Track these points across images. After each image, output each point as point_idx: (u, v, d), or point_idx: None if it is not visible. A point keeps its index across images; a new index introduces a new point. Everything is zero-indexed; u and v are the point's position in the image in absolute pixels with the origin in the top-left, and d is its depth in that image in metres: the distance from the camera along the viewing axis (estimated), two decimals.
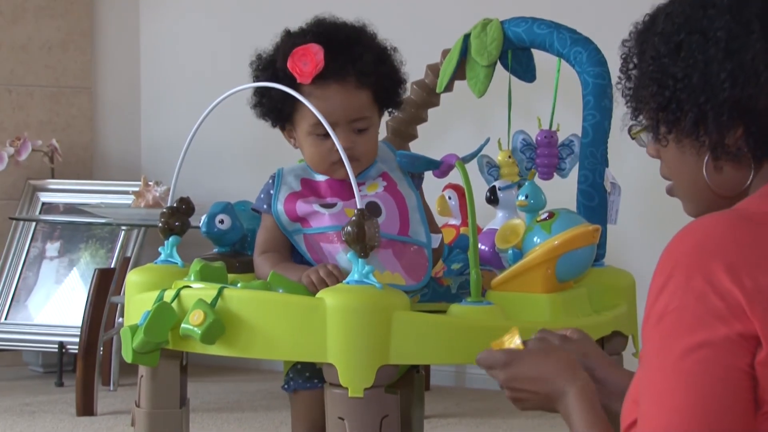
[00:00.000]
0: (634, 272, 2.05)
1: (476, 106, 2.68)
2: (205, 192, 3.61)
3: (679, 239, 1.21)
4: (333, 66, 1.85)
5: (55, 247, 3.95)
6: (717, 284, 1.15)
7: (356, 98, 1.87)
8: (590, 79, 2.01)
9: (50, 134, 4.08)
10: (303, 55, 1.84)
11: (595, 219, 1.97)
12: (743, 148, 1.27)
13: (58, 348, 3.72)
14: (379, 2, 3.70)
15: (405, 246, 1.85)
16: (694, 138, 1.29)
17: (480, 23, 2.11)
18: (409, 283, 1.81)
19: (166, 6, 4.32)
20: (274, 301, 1.65)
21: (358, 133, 1.88)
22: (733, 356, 1.14)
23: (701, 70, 1.26)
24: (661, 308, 1.18)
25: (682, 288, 1.16)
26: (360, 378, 1.59)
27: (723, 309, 1.14)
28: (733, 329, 1.14)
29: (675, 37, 1.28)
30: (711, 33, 1.25)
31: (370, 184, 1.90)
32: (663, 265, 1.20)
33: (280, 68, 1.86)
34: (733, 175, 1.29)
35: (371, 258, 1.71)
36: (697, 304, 1.15)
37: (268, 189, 1.91)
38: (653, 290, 1.20)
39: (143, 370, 1.85)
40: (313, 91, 1.84)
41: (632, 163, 3.30)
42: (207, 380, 3.80)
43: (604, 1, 3.46)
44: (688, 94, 1.27)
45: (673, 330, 1.16)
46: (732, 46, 1.24)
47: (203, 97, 2.07)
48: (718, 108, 1.26)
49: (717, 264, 1.15)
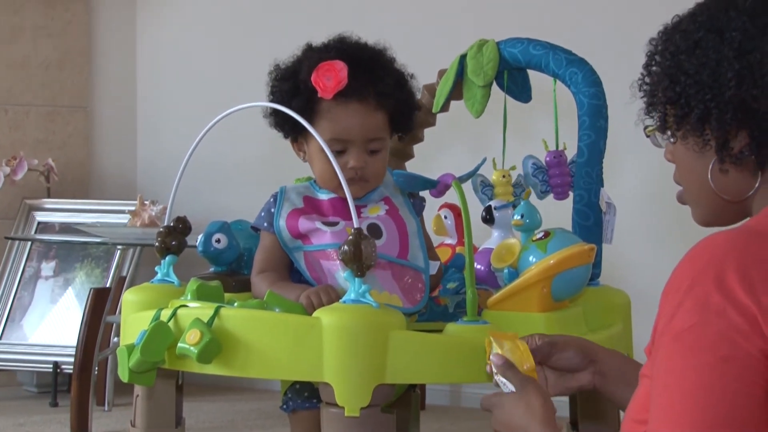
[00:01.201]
0: (630, 291, 2.05)
1: (472, 126, 2.69)
2: (201, 211, 3.62)
3: (693, 256, 1.20)
4: (355, 84, 1.87)
5: (50, 267, 3.95)
6: (735, 300, 1.15)
7: (374, 118, 1.89)
8: (585, 100, 2.02)
9: (46, 153, 4.08)
10: (327, 70, 1.86)
11: (590, 238, 1.97)
12: (747, 153, 1.28)
13: (52, 368, 3.72)
14: (375, 22, 3.71)
15: (403, 269, 1.86)
16: (698, 136, 1.30)
17: (476, 44, 2.12)
18: (406, 306, 1.82)
19: (162, 25, 4.33)
20: (270, 321, 1.65)
21: (371, 154, 1.89)
22: (755, 373, 1.13)
23: (712, 68, 1.27)
24: (679, 325, 1.17)
25: (701, 305, 1.16)
26: (356, 397, 1.59)
27: (744, 324, 1.14)
28: (756, 345, 1.13)
29: (695, 35, 1.29)
30: (727, 33, 1.27)
31: (372, 207, 1.91)
32: (678, 282, 1.19)
33: (302, 80, 1.88)
34: (738, 179, 1.30)
35: (371, 277, 1.72)
36: (718, 320, 1.15)
37: (269, 207, 1.91)
38: (667, 308, 1.19)
39: (139, 390, 1.85)
40: (333, 108, 1.87)
41: (628, 183, 3.31)
42: (202, 399, 3.79)
43: (599, 22, 3.48)
44: (697, 90, 1.29)
45: (694, 346, 1.15)
46: (744, 47, 1.26)
47: (199, 117, 2.08)
48: (723, 106, 1.27)
49: (734, 280, 1.15)
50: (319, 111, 1.88)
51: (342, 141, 1.88)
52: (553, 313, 1.80)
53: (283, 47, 1.98)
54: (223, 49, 4.19)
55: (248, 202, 3.73)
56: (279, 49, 1.99)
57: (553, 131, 2.12)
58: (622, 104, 1.49)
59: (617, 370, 1.58)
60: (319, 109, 1.88)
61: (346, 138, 1.86)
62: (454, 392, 3.77)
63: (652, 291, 1.23)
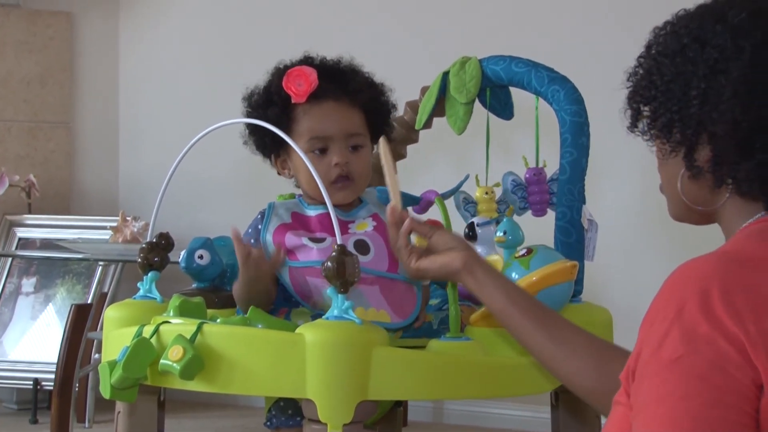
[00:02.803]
0: (612, 308, 2.05)
1: (455, 143, 2.69)
2: (184, 227, 3.61)
3: (675, 283, 1.19)
4: (326, 86, 1.91)
5: (31, 283, 3.93)
6: (724, 329, 1.14)
7: (351, 114, 1.92)
8: (568, 117, 2.03)
9: (28, 169, 4.07)
10: (297, 75, 1.90)
11: (572, 255, 1.98)
12: (706, 169, 1.28)
13: (33, 385, 3.70)
14: (357, 39, 3.72)
15: (393, 283, 1.86)
16: (664, 142, 1.31)
17: (459, 61, 2.13)
18: (395, 320, 1.82)
19: (144, 42, 4.33)
20: (253, 337, 1.65)
21: (353, 151, 1.91)
22: (746, 403, 1.13)
23: (684, 80, 1.28)
24: (667, 355, 1.15)
25: (689, 334, 1.15)
26: (339, 414, 1.59)
27: (734, 354, 1.13)
28: (747, 375, 1.13)
29: (682, 40, 1.29)
30: (708, 47, 1.27)
31: (360, 223, 1.91)
32: (662, 311, 1.18)
33: (275, 91, 1.91)
34: (703, 190, 1.31)
35: (357, 295, 1.72)
36: (708, 349, 1.14)
37: (256, 224, 1.91)
38: (652, 336, 1.18)
39: (120, 406, 1.85)
40: (308, 109, 1.90)
41: (609, 200, 3.32)
42: (184, 416, 3.78)
43: (581, 40, 3.50)
44: (667, 99, 1.30)
45: (685, 376, 1.14)
46: (716, 67, 1.26)
47: (182, 133, 2.08)
48: (686, 120, 1.28)
49: (719, 308, 1.15)
50: (295, 117, 1.91)
51: (322, 138, 1.90)
52: None
53: (265, 64, 1.98)
54: (206, 66, 4.19)
55: (231, 219, 3.72)
56: (261, 66, 2.00)
57: (535, 148, 2.13)
58: (604, 122, 1.50)
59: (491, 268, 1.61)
60: (295, 115, 1.91)
61: (326, 135, 1.89)
62: (437, 409, 3.76)
63: (633, 308, 1.24)
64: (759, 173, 1.25)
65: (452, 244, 1.63)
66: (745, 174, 1.25)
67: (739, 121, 1.24)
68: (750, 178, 1.25)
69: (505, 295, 1.56)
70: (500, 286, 1.57)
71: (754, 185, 1.26)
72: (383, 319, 1.79)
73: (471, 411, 3.66)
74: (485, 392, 1.74)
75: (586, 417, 1.96)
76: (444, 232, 1.66)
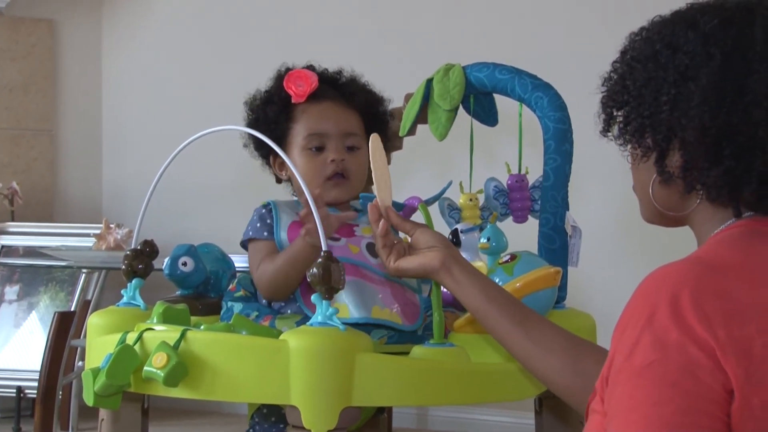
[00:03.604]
0: (595, 314, 2.06)
1: (439, 150, 2.70)
2: (167, 235, 3.60)
3: (646, 290, 1.20)
4: (324, 88, 1.97)
5: (14, 291, 3.92)
6: (694, 335, 1.14)
7: (348, 115, 1.97)
8: (551, 124, 2.04)
9: (10, 176, 4.05)
10: (298, 77, 1.96)
11: (556, 261, 1.98)
12: (677, 174, 1.29)
13: (16, 393, 3.68)
14: (341, 46, 3.73)
15: (401, 289, 1.88)
16: (635, 147, 1.32)
17: (442, 68, 2.13)
18: (405, 324, 1.83)
19: (128, 49, 4.32)
20: (237, 344, 1.65)
21: (349, 151, 1.94)
22: (717, 408, 1.13)
23: (656, 86, 1.28)
24: (639, 362, 1.16)
25: (659, 341, 1.15)
26: (323, 420, 1.59)
27: (704, 359, 1.13)
28: (718, 380, 1.13)
29: (655, 46, 1.30)
30: (680, 53, 1.27)
31: (365, 227, 1.93)
32: (633, 317, 1.19)
33: (276, 92, 1.97)
34: (674, 195, 1.32)
35: (373, 294, 1.73)
36: (679, 356, 1.14)
37: (264, 219, 1.92)
38: (624, 343, 1.18)
39: (104, 414, 1.84)
40: (307, 108, 1.95)
41: (593, 206, 3.33)
42: (168, 424, 3.77)
43: (564, 48, 3.51)
44: (638, 104, 1.30)
45: (656, 383, 1.14)
46: (687, 73, 1.26)
47: (165, 141, 2.08)
48: (657, 126, 1.28)
49: (690, 314, 1.15)
50: (294, 116, 1.95)
51: (319, 135, 1.93)
52: None
53: (248, 70, 1.99)
54: (189, 73, 4.19)
55: (215, 226, 3.72)
56: (245, 73, 2.00)
57: (518, 155, 2.13)
58: (588, 129, 1.50)
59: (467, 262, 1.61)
60: (294, 115, 1.95)
61: (323, 131, 1.93)
62: (421, 415, 3.76)
63: (617, 314, 1.23)
64: (727, 180, 1.25)
65: (432, 243, 1.62)
66: (714, 180, 1.26)
67: (707, 127, 1.24)
68: (719, 185, 1.26)
69: (483, 294, 1.56)
70: (478, 285, 1.57)
71: (723, 191, 1.26)
72: (396, 321, 1.81)
73: (455, 417, 3.66)
74: (469, 398, 1.74)
75: (569, 422, 1.96)
76: (426, 230, 1.66)
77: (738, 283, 1.19)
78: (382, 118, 2.05)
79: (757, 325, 1.15)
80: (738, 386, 1.13)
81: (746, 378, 1.13)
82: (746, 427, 1.13)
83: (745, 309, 1.16)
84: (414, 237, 1.65)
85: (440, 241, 1.63)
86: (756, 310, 1.16)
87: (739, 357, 1.13)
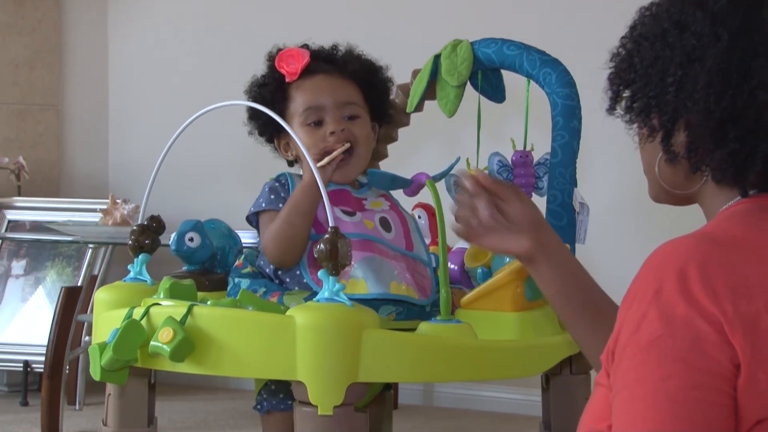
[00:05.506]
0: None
1: (446, 126, 2.69)
2: (174, 210, 3.60)
3: (652, 264, 1.19)
4: (317, 63, 1.95)
5: (21, 266, 3.92)
6: (702, 309, 1.14)
7: (343, 85, 1.96)
8: (559, 100, 2.03)
9: (17, 152, 4.05)
10: (289, 56, 1.95)
11: (564, 238, 1.97)
12: (683, 154, 1.28)
13: (23, 367, 3.69)
14: (348, 24, 3.71)
15: (415, 262, 1.88)
16: (641, 126, 1.32)
17: (450, 44, 2.12)
18: (421, 298, 1.83)
19: (134, 24, 4.31)
20: (243, 319, 1.65)
21: (349, 120, 1.93)
22: (725, 382, 1.13)
23: (663, 66, 1.28)
24: (645, 337, 1.15)
25: (666, 315, 1.15)
26: (329, 396, 1.59)
27: (712, 334, 1.13)
28: (725, 354, 1.13)
29: (663, 24, 1.29)
30: (687, 33, 1.26)
31: (374, 201, 1.93)
32: (640, 291, 1.18)
33: (269, 74, 1.96)
34: (679, 175, 1.31)
35: (389, 270, 1.72)
36: (686, 330, 1.14)
37: (279, 191, 1.91)
38: (631, 318, 1.18)
39: (111, 389, 1.85)
40: (301, 84, 1.94)
41: (601, 183, 3.32)
42: (174, 399, 3.78)
43: (573, 23, 3.49)
44: (645, 83, 1.30)
45: (663, 357, 1.14)
46: (693, 54, 1.25)
47: (172, 116, 2.07)
48: (663, 107, 1.28)
49: (697, 288, 1.15)
50: (289, 94, 1.95)
51: (316, 108, 1.92)
52: (527, 313, 1.80)
53: (256, 48, 1.99)
54: (196, 48, 4.18)
55: (221, 203, 3.73)
56: (252, 50, 2.00)
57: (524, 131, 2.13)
58: (596, 105, 1.49)
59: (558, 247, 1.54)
60: (290, 94, 1.95)
61: (318, 104, 1.92)
62: (427, 392, 3.77)
63: (624, 289, 1.23)
64: (732, 162, 1.25)
65: (521, 224, 1.53)
66: (718, 162, 1.26)
67: (712, 110, 1.24)
68: (723, 167, 1.26)
69: (563, 297, 1.52)
70: (555, 285, 1.52)
71: (728, 173, 1.26)
72: (412, 296, 1.81)
73: (461, 394, 3.66)
74: (476, 375, 1.75)
75: (576, 399, 1.96)
76: (518, 201, 1.54)
77: (746, 257, 1.18)
78: (381, 86, 2.02)
79: (765, 300, 1.15)
80: (745, 361, 1.13)
81: (753, 353, 1.13)
82: (752, 401, 1.13)
83: (753, 284, 1.16)
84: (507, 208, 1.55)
85: (530, 221, 1.54)
86: (764, 285, 1.16)
87: (746, 332, 1.13)
